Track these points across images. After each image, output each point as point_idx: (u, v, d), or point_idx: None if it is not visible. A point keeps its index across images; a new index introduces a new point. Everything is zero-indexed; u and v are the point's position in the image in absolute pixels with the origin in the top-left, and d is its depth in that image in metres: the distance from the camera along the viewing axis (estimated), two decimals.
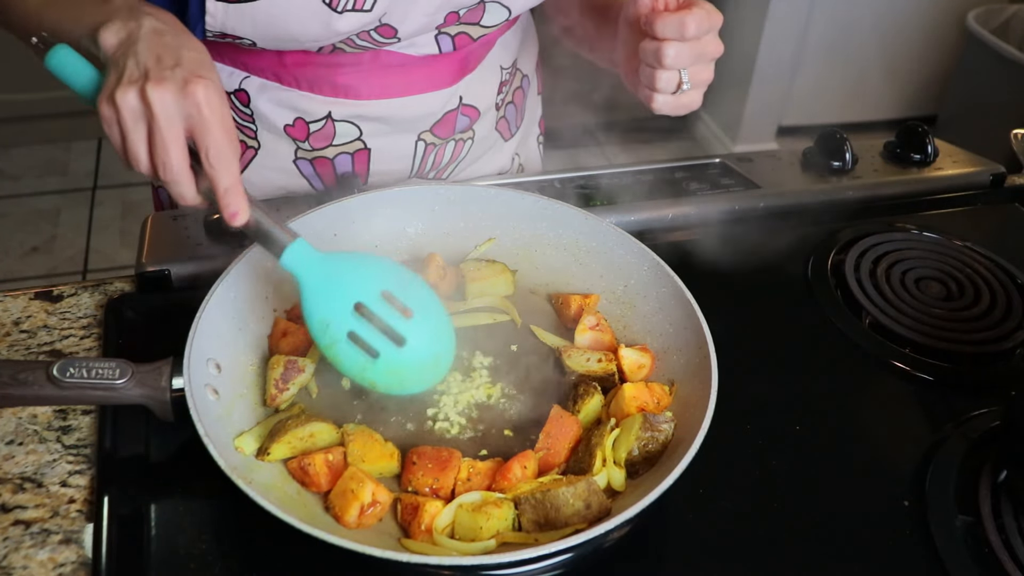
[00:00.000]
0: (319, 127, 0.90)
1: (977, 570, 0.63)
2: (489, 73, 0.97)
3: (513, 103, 1.05)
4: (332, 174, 0.95)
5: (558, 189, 0.98)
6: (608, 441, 0.66)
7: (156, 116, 0.60)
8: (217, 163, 0.61)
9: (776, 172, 1.05)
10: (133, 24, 0.64)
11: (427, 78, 0.91)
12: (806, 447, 0.73)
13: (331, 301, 0.66)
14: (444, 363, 0.70)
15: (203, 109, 0.60)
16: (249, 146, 0.93)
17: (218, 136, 0.61)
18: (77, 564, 0.60)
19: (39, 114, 2.76)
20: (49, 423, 0.70)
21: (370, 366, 0.67)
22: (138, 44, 0.62)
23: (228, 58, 0.88)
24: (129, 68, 0.61)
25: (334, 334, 0.66)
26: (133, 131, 0.61)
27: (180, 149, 0.61)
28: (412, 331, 0.67)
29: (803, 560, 0.64)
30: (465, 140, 0.99)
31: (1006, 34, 2.58)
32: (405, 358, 0.67)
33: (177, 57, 0.62)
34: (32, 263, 2.43)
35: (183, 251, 0.85)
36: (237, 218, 0.63)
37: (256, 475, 0.61)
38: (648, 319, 0.78)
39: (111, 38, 0.63)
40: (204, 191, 0.63)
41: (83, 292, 0.83)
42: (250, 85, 0.89)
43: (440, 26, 0.84)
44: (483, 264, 0.82)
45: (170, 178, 0.62)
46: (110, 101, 0.61)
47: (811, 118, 2.98)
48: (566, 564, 0.62)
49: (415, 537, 0.61)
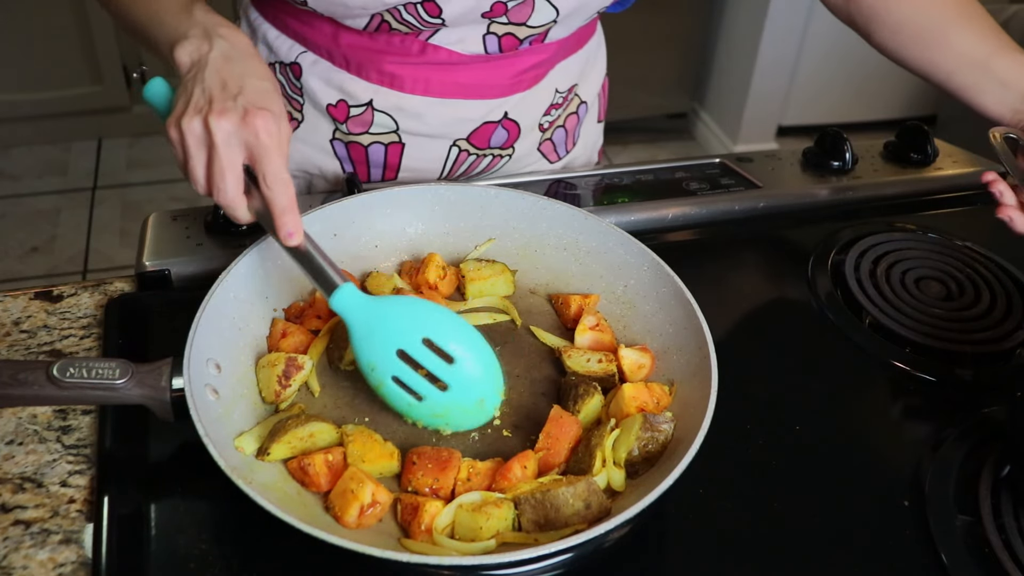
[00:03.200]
0: (359, 112, 0.93)
1: (977, 570, 0.63)
2: (541, 92, 0.98)
3: (564, 127, 1.05)
4: (364, 160, 0.97)
5: (558, 189, 0.98)
6: (608, 441, 0.66)
7: (216, 145, 0.64)
8: (274, 186, 0.65)
9: (776, 172, 1.05)
10: (206, 47, 0.69)
11: (473, 85, 0.92)
12: (806, 447, 0.73)
13: (375, 346, 0.68)
14: (489, 405, 0.70)
15: (261, 137, 0.64)
16: (293, 117, 0.96)
17: (275, 162, 0.65)
18: (77, 564, 0.60)
19: (39, 114, 2.76)
20: (49, 423, 0.70)
21: (416, 407, 0.69)
22: (206, 70, 0.68)
23: (291, 31, 0.93)
24: (196, 95, 0.66)
25: (380, 376, 0.68)
26: (195, 156, 0.66)
27: (235, 176, 0.66)
28: (451, 377, 0.68)
29: (803, 560, 0.64)
30: (502, 156, 1.00)
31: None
32: (448, 401, 0.68)
33: (241, 85, 0.67)
34: (32, 263, 2.43)
35: (183, 251, 0.85)
36: (292, 238, 0.66)
37: (256, 475, 0.61)
38: (648, 319, 0.78)
39: (184, 58, 0.70)
40: (255, 211, 0.67)
41: (83, 292, 0.83)
42: (304, 60, 0.93)
43: (487, 14, 0.84)
44: (483, 264, 0.82)
45: (225, 201, 0.66)
46: (177, 126, 0.66)
47: (811, 118, 2.98)
48: (566, 564, 0.62)
49: (415, 537, 0.61)
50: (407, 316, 0.69)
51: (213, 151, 0.65)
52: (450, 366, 0.68)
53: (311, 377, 0.72)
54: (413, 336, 0.68)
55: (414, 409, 0.69)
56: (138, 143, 2.90)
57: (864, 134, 1.21)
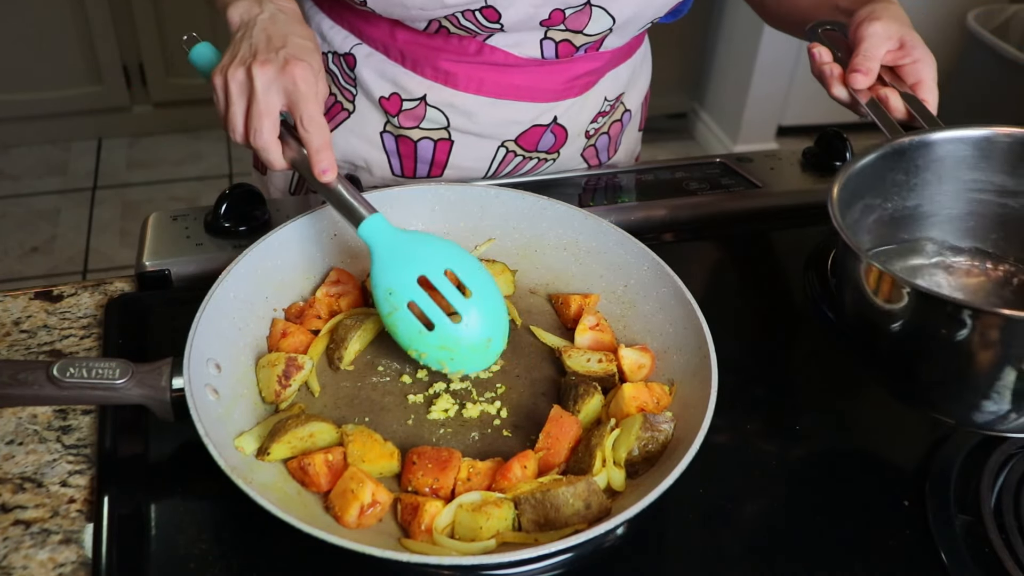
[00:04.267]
0: (412, 107, 0.94)
1: (977, 570, 0.63)
2: (591, 99, 0.98)
3: (608, 134, 1.06)
4: (412, 155, 0.98)
5: (558, 189, 0.98)
6: (608, 441, 0.66)
7: (256, 89, 0.70)
8: (310, 127, 0.70)
9: (776, 172, 1.05)
10: (256, 9, 0.75)
11: (527, 88, 0.93)
12: (806, 447, 0.73)
13: (397, 271, 0.71)
14: (494, 348, 0.73)
15: (299, 84, 0.70)
16: (344, 108, 0.97)
17: (312, 106, 0.70)
18: (77, 564, 0.60)
19: (39, 114, 2.76)
20: (49, 423, 0.70)
21: (424, 337, 0.71)
22: (254, 28, 0.74)
23: (346, 22, 0.94)
24: (243, 49, 0.72)
25: (395, 302, 0.71)
26: (236, 102, 0.71)
27: (272, 121, 0.71)
28: (468, 309, 0.71)
29: (803, 560, 0.64)
30: (547, 159, 1.01)
31: (1006, 34, 2.58)
32: (458, 334, 0.71)
33: (284, 40, 0.72)
34: (32, 263, 2.43)
35: (183, 251, 0.85)
36: (327, 175, 0.71)
37: (256, 475, 0.61)
38: (648, 319, 0.78)
39: (235, 17, 0.76)
40: (290, 159, 0.73)
41: (83, 292, 0.83)
42: (359, 51, 0.94)
43: (545, 22, 0.85)
44: (483, 264, 0.82)
45: (260, 144, 0.71)
46: (223, 74, 0.72)
47: (811, 118, 2.98)
48: (566, 564, 0.62)
49: (415, 537, 0.61)
50: (433, 247, 0.74)
51: (253, 97, 0.70)
52: (467, 299, 0.71)
53: (311, 377, 0.72)
54: (437, 265, 0.72)
55: (422, 339, 0.70)
56: (138, 143, 2.90)
57: (864, 134, 1.21)
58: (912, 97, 0.82)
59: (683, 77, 3.06)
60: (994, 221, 0.85)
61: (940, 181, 0.84)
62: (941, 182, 0.84)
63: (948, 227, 0.87)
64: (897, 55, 0.84)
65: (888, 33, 0.83)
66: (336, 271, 0.80)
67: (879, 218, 0.85)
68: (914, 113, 0.81)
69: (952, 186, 0.85)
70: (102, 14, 2.59)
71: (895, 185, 0.84)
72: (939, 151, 0.82)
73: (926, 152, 0.82)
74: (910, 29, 0.84)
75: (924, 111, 0.82)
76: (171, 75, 2.77)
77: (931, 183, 0.84)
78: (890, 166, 0.82)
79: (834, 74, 0.86)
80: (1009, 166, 0.83)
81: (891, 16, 0.84)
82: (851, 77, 0.84)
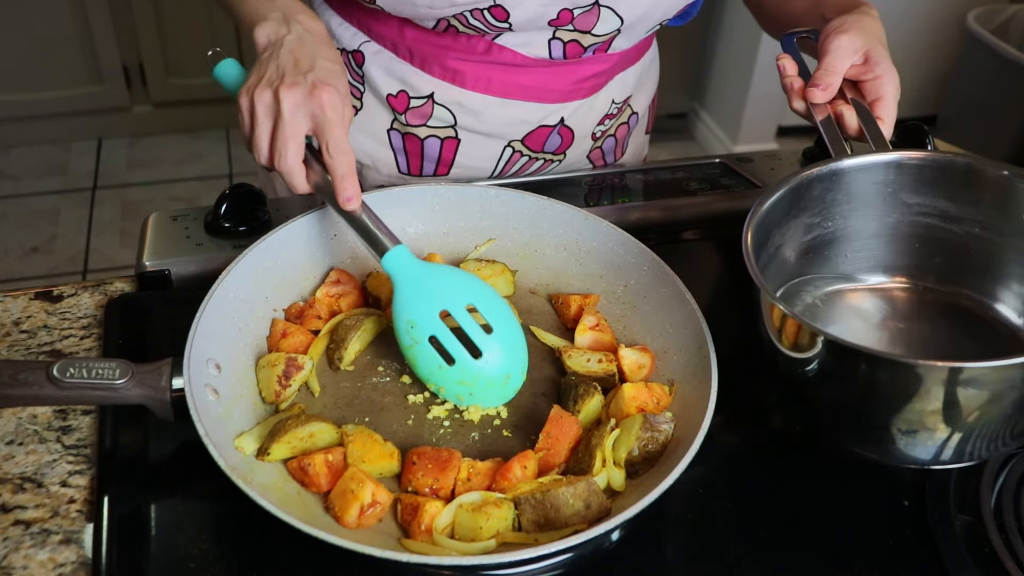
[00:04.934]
0: (419, 104, 0.94)
1: (977, 570, 0.63)
2: (598, 101, 0.99)
3: (615, 137, 1.06)
4: (419, 153, 0.98)
5: (559, 189, 0.98)
6: (608, 441, 0.66)
7: (282, 113, 0.70)
8: (336, 153, 0.70)
9: (776, 172, 1.05)
10: (284, 30, 0.75)
11: (534, 88, 0.93)
12: (806, 446, 0.73)
13: (420, 305, 0.71)
14: (512, 385, 0.72)
15: (326, 110, 0.70)
16: (352, 105, 0.96)
17: (338, 132, 0.70)
18: (77, 564, 0.60)
19: (39, 114, 2.76)
20: (49, 423, 0.70)
21: (444, 372, 0.70)
22: (282, 49, 0.73)
23: (355, 20, 0.94)
24: (270, 70, 0.72)
25: (416, 336, 0.70)
26: (262, 124, 0.71)
27: (297, 145, 0.71)
28: (488, 346, 0.70)
29: (803, 560, 0.64)
30: (553, 160, 1.01)
31: (1006, 34, 2.58)
32: (477, 370, 0.70)
33: (312, 63, 0.72)
34: (32, 263, 2.43)
35: (183, 251, 0.85)
36: (351, 203, 0.71)
37: (256, 475, 0.61)
38: (648, 319, 0.78)
39: (263, 38, 0.75)
40: (313, 183, 0.73)
41: (83, 292, 0.83)
42: (368, 49, 0.94)
43: (553, 22, 0.85)
44: (483, 264, 0.82)
45: (285, 168, 0.71)
46: (249, 95, 0.71)
47: None
48: (566, 564, 0.62)
49: (415, 537, 0.61)
50: (456, 282, 0.74)
51: (279, 120, 0.70)
52: (488, 336, 0.71)
53: (311, 377, 0.72)
54: (459, 301, 0.72)
55: (442, 373, 0.70)
56: (138, 143, 2.90)
57: None
58: (869, 117, 0.80)
59: (683, 77, 3.05)
60: (921, 243, 0.82)
61: (863, 207, 0.80)
62: (863, 208, 0.80)
63: (877, 251, 0.84)
64: (860, 70, 0.82)
65: (853, 47, 0.81)
66: (336, 271, 0.80)
67: (806, 245, 0.82)
68: (866, 134, 0.80)
69: (875, 211, 0.81)
70: (102, 14, 2.59)
71: (820, 211, 0.80)
72: (850, 178, 0.79)
73: (837, 180, 0.78)
74: (878, 43, 0.82)
75: (876, 133, 0.79)
76: (171, 75, 2.77)
77: (857, 209, 0.80)
78: (798, 199, 0.78)
79: (794, 88, 0.84)
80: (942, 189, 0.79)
81: (860, 29, 0.82)
82: (808, 92, 0.82)
